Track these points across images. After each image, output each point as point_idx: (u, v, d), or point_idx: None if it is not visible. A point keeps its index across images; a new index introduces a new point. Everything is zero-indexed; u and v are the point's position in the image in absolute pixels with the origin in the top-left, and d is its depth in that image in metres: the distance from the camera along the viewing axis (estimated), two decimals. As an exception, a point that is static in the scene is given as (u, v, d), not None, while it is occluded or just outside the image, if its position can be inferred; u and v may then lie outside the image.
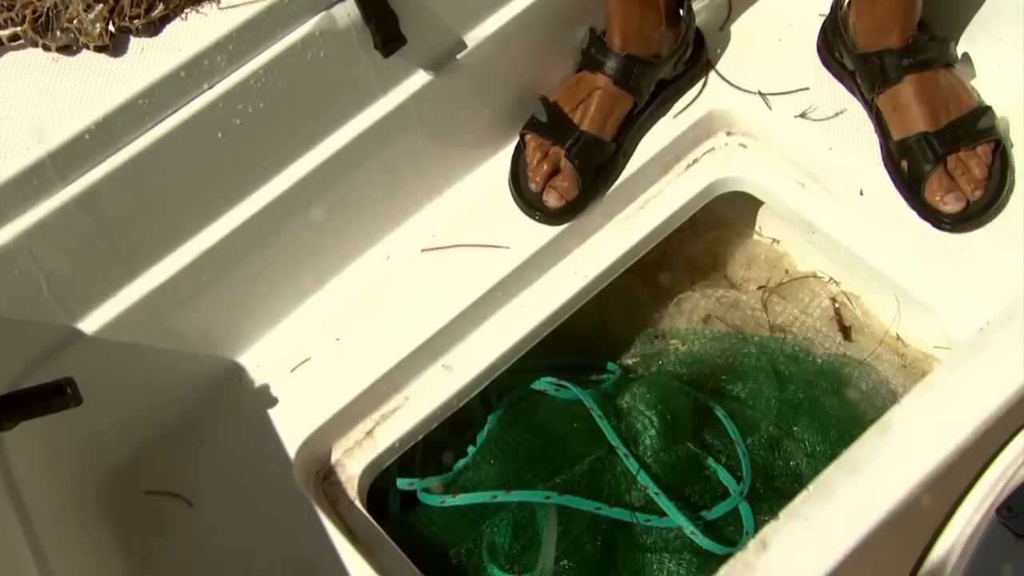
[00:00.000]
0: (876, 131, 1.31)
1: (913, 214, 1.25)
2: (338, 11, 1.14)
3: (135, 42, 1.08)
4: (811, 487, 0.85)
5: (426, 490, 1.32)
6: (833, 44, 1.36)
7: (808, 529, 0.84)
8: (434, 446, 1.37)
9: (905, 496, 0.83)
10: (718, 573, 0.83)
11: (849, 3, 1.32)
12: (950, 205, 1.23)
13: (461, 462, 1.34)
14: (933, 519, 0.84)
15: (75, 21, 1.07)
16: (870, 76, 1.29)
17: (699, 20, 1.41)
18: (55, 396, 1.01)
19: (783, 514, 0.85)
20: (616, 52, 1.31)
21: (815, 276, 1.51)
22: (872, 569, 0.87)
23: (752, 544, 0.83)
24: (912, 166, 1.26)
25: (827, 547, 0.83)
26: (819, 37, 1.39)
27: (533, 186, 1.34)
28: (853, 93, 1.35)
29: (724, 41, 1.43)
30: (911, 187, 1.26)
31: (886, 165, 1.29)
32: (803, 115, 1.35)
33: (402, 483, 1.32)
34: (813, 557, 0.83)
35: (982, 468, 0.85)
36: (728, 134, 1.41)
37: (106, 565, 1.18)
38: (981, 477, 0.84)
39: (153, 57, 1.07)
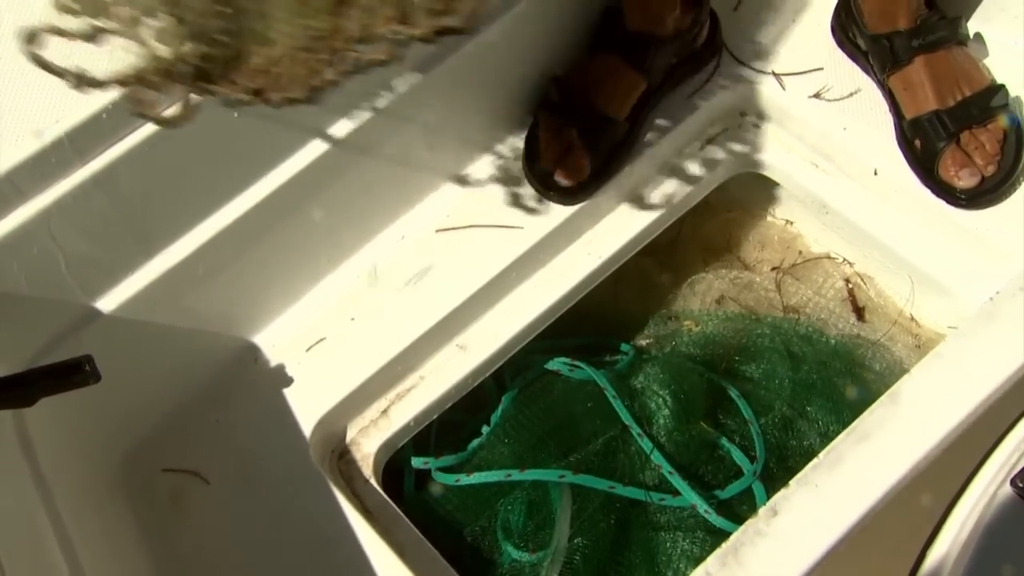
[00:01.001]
0: (890, 111, 1.31)
1: (928, 193, 1.25)
2: (351, -9, 1.14)
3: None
4: (821, 455, 0.86)
5: (441, 469, 1.33)
6: (846, 25, 1.36)
7: (818, 496, 0.84)
8: (449, 426, 1.38)
9: (914, 465, 0.83)
10: (730, 539, 0.84)
11: None
12: (964, 180, 1.23)
13: (476, 442, 1.35)
14: (948, 490, 0.84)
15: None
16: (881, 57, 1.29)
17: (713, 1, 1.41)
18: (74, 373, 1.02)
19: (793, 482, 0.85)
20: (631, 33, 1.31)
21: (829, 257, 1.51)
22: (885, 537, 0.87)
23: (763, 511, 0.84)
24: (925, 144, 1.26)
25: (836, 514, 0.83)
26: (833, 18, 1.39)
27: (546, 166, 1.34)
28: (868, 73, 1.35)
29: (738, 21, 1.43)
30: (925, 165, 1.26)
31: (900, 145, 1.29)
32: (817, 95, 1.35)
33: (417, 462, 1.33)
34: (822, 523, 0.83)
35: (997, 440, 0.85)
36: (742, 115, 1.41)
37: (124, 541, 1.19)
38: (996, 449, 0.84)
39: (169, 37, 1.08)
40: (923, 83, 1.26)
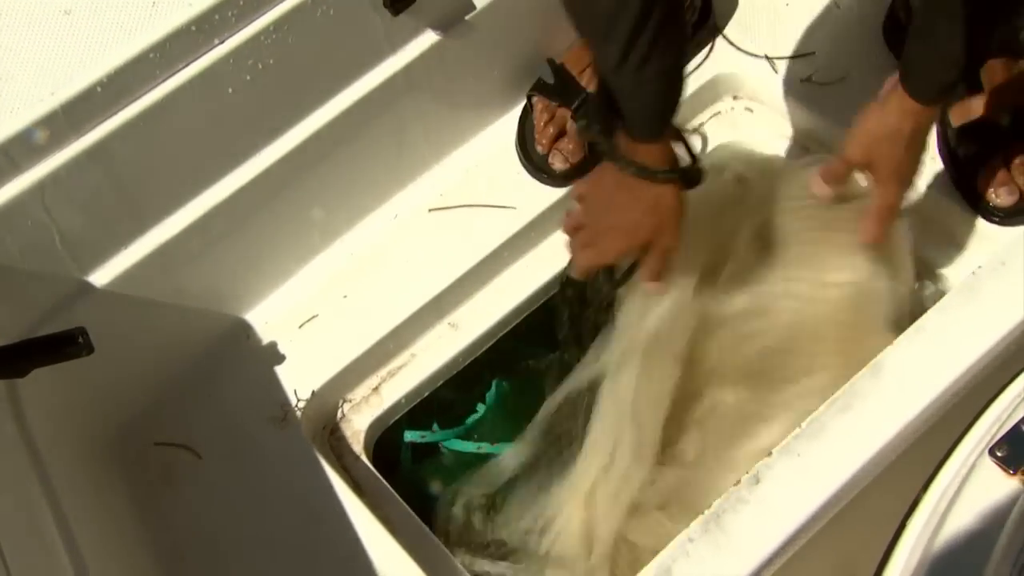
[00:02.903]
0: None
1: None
2: (348, -32, 1.15)
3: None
4: (804, 424, 0.87)
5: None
6: (900, 23, 1.33)
7: (800, 465, 0.85)
8: (441, 404, 1.39)
9: (895, 435, 0.85)
10: (711, 507, 0.85)
11: None
12: (1002, 198, 1.20)
13: (472, 417, 1.36)
14: (929, 462, 0.85)
15: None
16: None
17: (706, -15, 1.41)
18: (67, 345, 1.03)
19: (775, 451, 0.86)
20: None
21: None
22: (866, 507, 0.88)
23: (745, 479, 0.85)
24: (968, 154, 1.23)
25: (818, 482, 0.84)
26: (886, 17, 1.36)
27: (540, 148, 1.35)
28: None
29: (731, 5, 1.44)
30: (964, 176, 1.23)
31: (941, 150, 1.27)
32: (809, 79, 1.36)
33: (411, 435, 1.35)
34: (804, 491, 0.84)
35: (979, 412, 0.86)
36: (734, 98, 1.42)
37: (117, 513, 1.20)
38: (977, 420, 0.85)
39: (164, 11, 1.08)
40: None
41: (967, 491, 0.79)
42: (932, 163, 1.25)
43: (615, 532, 1.13)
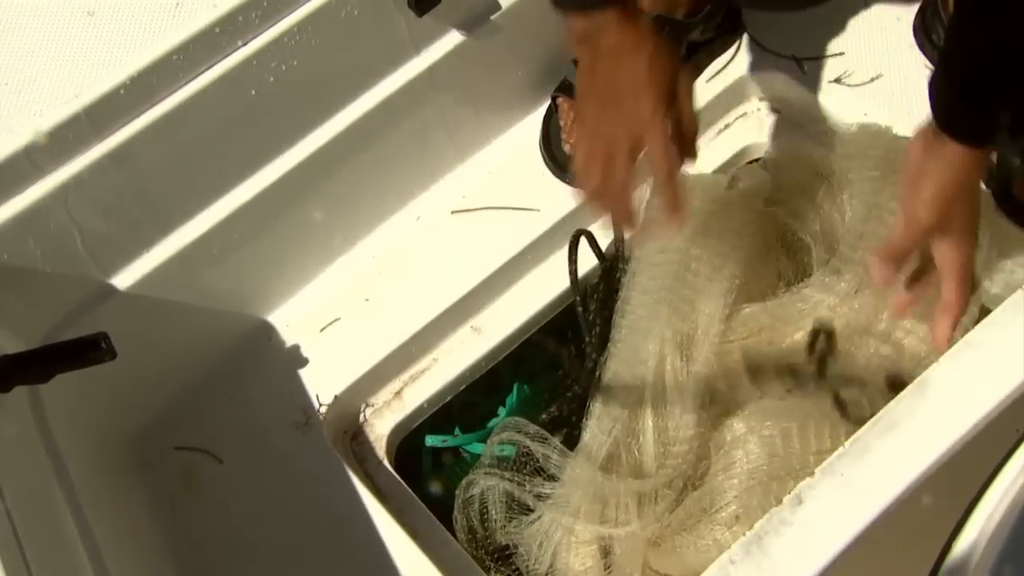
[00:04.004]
0: None
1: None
2: (373, -32, 1.14)
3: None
4: (847, 444, 0.86)
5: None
6: (931, 25, 1.31)
7: (843, 485, 0.84)
8: (463, 408, 1.38)
9: (942, 454, 0.83)
10: (754, 527, 0.83)
11: None
12: None
13: (494, 420, 1.35)
14: (977, 480, 0.84)
15: None
16: None
17: (734, -16, 1.39)
18: (91, 350, 1.02)
19: (818, 470, 0.85)
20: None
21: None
22: (912, 525, 0.87)
23: (787, 499, 0.83)
24: (1000, 160, 1.20)
25: (863, 503, 0.83)
26: (916, 17, 1.34)
27: (565, 149, 1.33)
28: None
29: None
30: (998, 180, 1.22)
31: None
32: (838, 80, 1.33)
33: (432, 440, 1.33)
34: (848, 512, 0.83)
35: (1026, 434, 0.85)
36: (761, 99, 1.40)
37: (137, 517, 1.20)
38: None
39: (188, 13, 1.07)
40: None
41: (1013, 516, 0.77)
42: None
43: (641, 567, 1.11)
